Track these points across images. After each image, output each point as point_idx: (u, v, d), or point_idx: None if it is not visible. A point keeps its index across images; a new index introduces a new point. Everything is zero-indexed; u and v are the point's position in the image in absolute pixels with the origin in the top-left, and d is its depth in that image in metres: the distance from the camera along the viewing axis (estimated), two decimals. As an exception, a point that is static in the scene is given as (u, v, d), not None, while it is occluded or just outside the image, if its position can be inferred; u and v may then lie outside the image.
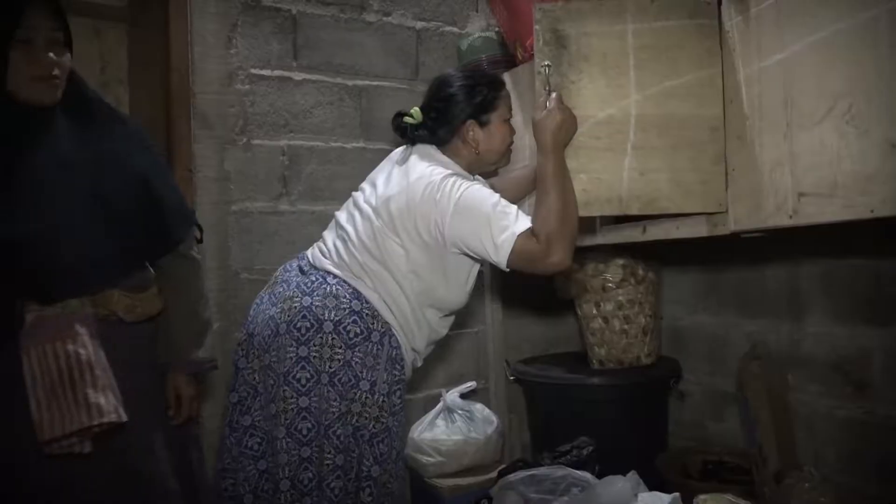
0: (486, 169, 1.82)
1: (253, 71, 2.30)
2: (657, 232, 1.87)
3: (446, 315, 1.76)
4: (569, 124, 1.60)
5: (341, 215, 1.78)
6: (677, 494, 1.81)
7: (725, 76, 1.63)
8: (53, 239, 1.35)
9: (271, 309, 1.61)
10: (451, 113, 1.70)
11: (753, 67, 1.55)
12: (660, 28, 1.70)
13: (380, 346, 1.60)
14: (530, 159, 2.16)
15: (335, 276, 1.64)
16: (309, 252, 1.76)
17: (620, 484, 1.82)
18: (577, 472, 1.97)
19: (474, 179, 1.70)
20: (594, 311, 2.35)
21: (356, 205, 1.76)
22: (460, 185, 1.57)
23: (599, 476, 1.99)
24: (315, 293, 1.59)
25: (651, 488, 1.92)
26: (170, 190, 1.55)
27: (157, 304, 1.53)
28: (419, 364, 1.79)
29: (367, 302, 1.61)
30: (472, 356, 2.70)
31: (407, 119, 1.77)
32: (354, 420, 1.54)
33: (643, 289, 2.31)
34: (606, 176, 1.69)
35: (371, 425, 1.56)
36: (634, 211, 1.69)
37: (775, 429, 1.97)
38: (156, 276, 1.55)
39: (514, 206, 1.58)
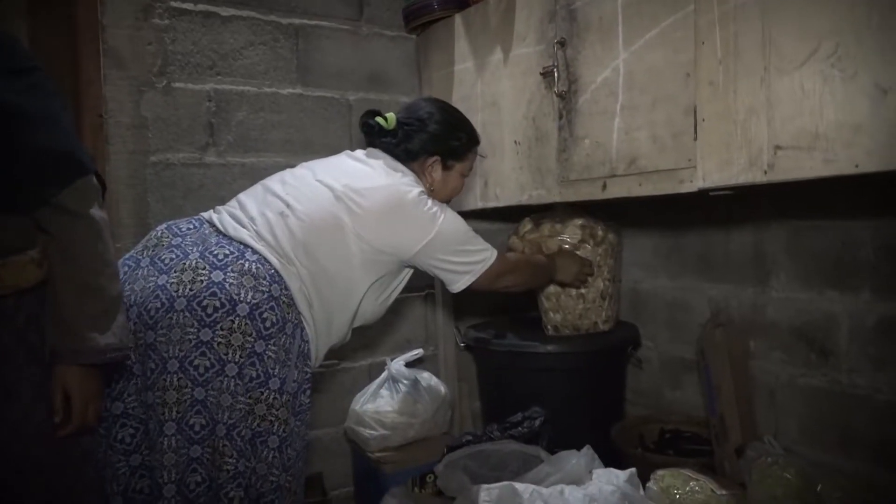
0: None
1: (173, 4, 2.03)
2: (618, 189, 1.71)
3: (354, 327, 1.63)
4: (583, 278, 2.08)
5: (274, 184, 1.57)
6: (633, 470, 1.69)
7: (698, 16, 1.46)
8: None
9: (160, 277, 1.36)
10: (426, 140, 1.66)
11: (729, 4, 1.39)
12: (643, -24, 1.60)
13: (292, 340, 1.40)
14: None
15: (255, 252, 1.42)
16: (214, 216, 1.53)
17: (574, 460, 1.70)
18: (528, 446, 1.85)
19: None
20: (549, 275, 2.19)
21: (301, 179, 1.56)
22: (437, 208, 1.57)
23: (552, 449, 1.87)
24: (229, 268, 1.36)
25: (607, 459, 1.81)
26: (43, 125, 1.17)
27: (30, 274, 1.20)
28: (315, 367, 1.59)
29: (286, 289, 1.41)
30: (420, 321, 2.54)
31: (379, 120, 1.66)
32: (256, 424, 1.33)
33: (602, 251, 2.16)
34: (602, 139, 1.73)
35: (281, 430, 1.36)
36: (621, 172, 1.68)
37: (738, 400, 1.86)
38: (40, 240, 1.22)
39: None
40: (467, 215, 2.46)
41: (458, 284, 1.63)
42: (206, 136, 2.11)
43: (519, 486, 1.55)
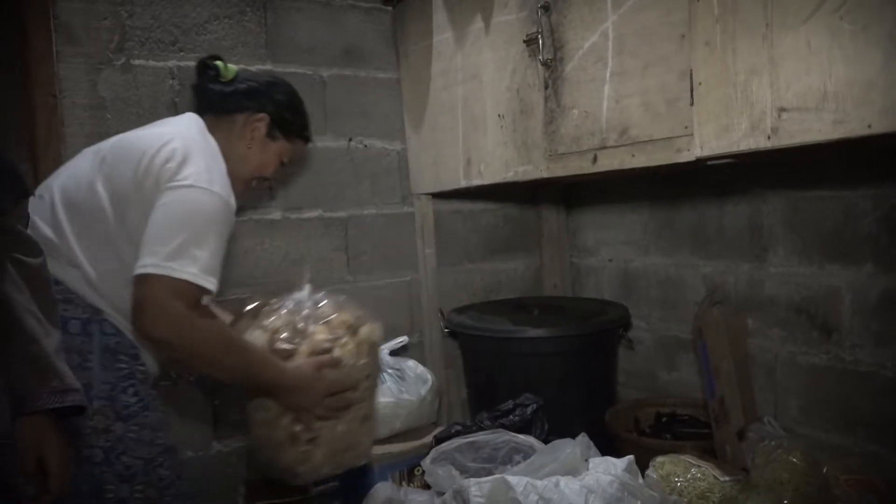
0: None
1: (129, -25, 1.91)
2: (609, 162, 1.61)
3: None
4: (305, 394, 1.36)
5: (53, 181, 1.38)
6: (631, 458, 1.60)
7: (691, -30, 1.35)
8: None
9: None
10: (262, 98, 1.50)
11: (726, -44, 1.29)
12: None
13: (86, 339, 1.24)
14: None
15: None
16: None
17: (569, 449, 1.61)
18: (521, 436, 1.75)
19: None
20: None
21: (74, 162, 1.41)
22: (201, 174, 1.27)
23: (546, 438, 1.78)
24: None
25: (602, 445, 1.73)
26: None
27: None
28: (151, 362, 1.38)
29: (58, 282, 1.20)
30: (404, 307, 2.43)
31: (219, 64, 1.50)
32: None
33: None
34: (591, 108, 1.63)
35: (101, 440, 1.22)
36: (612, 143, 1.59)
37: (739, 381, 1.77)
38: None
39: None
40: (451, 195, 2.38)
41: (140, 263, 1.21)
42: (170, 115, 1.97)
43: (512, 479, 1.46)
